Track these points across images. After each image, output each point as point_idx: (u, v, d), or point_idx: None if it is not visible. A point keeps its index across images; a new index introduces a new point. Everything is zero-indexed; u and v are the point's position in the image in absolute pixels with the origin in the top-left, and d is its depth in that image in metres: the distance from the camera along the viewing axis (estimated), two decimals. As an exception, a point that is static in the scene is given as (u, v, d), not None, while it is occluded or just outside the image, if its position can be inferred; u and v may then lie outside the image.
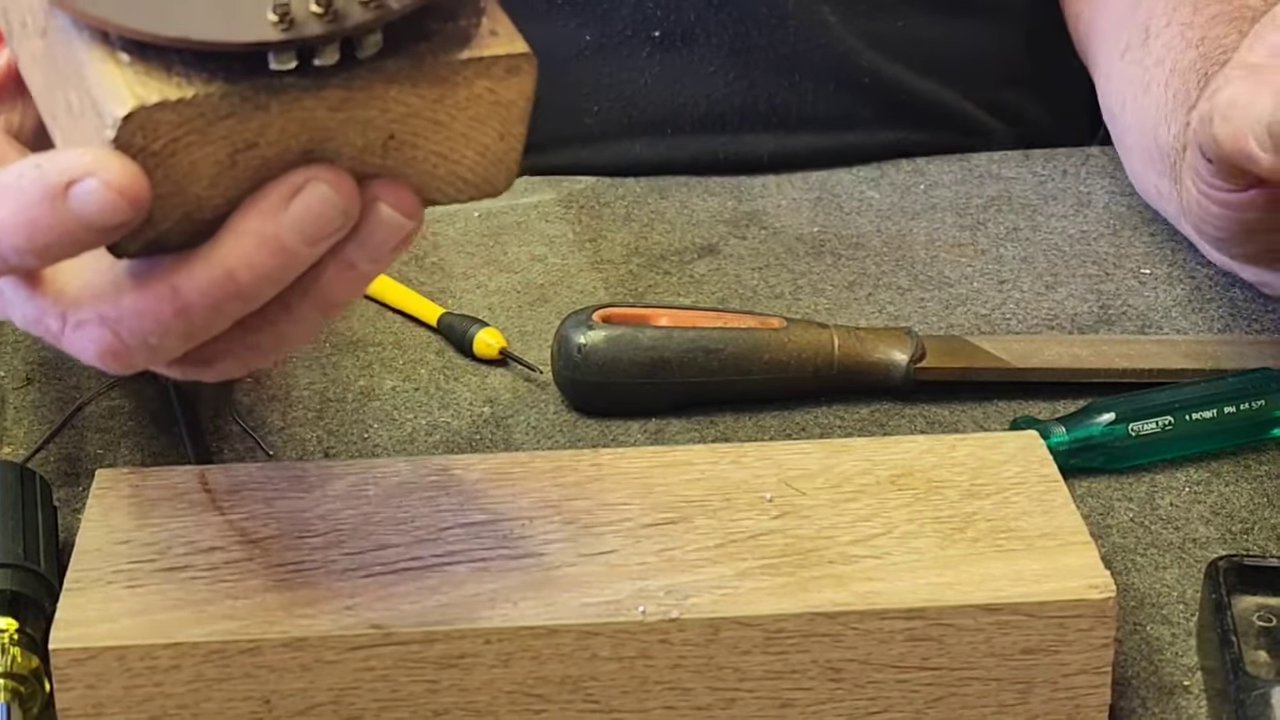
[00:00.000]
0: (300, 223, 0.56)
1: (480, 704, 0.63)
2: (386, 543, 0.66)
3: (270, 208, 0.56)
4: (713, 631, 0.63)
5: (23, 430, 0.82)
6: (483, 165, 0.60)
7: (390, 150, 0.58)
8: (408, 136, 0.58)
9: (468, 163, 0.59)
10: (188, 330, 0.57)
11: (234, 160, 0.56)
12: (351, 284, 0.58)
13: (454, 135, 0.58)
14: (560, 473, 0.70)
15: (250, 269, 0.56)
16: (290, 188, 0.56)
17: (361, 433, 0.82)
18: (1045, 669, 0.64)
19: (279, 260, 0.56)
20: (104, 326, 0.57)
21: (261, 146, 0.56)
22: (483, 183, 0.60)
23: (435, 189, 0.59)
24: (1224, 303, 0.92)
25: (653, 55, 1.05)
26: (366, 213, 0.57)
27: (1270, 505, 0.78)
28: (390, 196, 0.57)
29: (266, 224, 0.56)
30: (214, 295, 0.56)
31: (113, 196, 0.54)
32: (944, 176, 1.03)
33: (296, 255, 0.56)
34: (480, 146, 0.59)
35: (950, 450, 0.71)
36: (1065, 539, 0.66)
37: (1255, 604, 0.69)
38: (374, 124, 0.57)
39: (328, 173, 0.56)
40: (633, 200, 1.01)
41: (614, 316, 0.83)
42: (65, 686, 0.62)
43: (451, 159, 0.59)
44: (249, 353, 0.60)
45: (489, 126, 0.59)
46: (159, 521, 0.67)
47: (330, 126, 0.56)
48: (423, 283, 0.93)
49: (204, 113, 0.55)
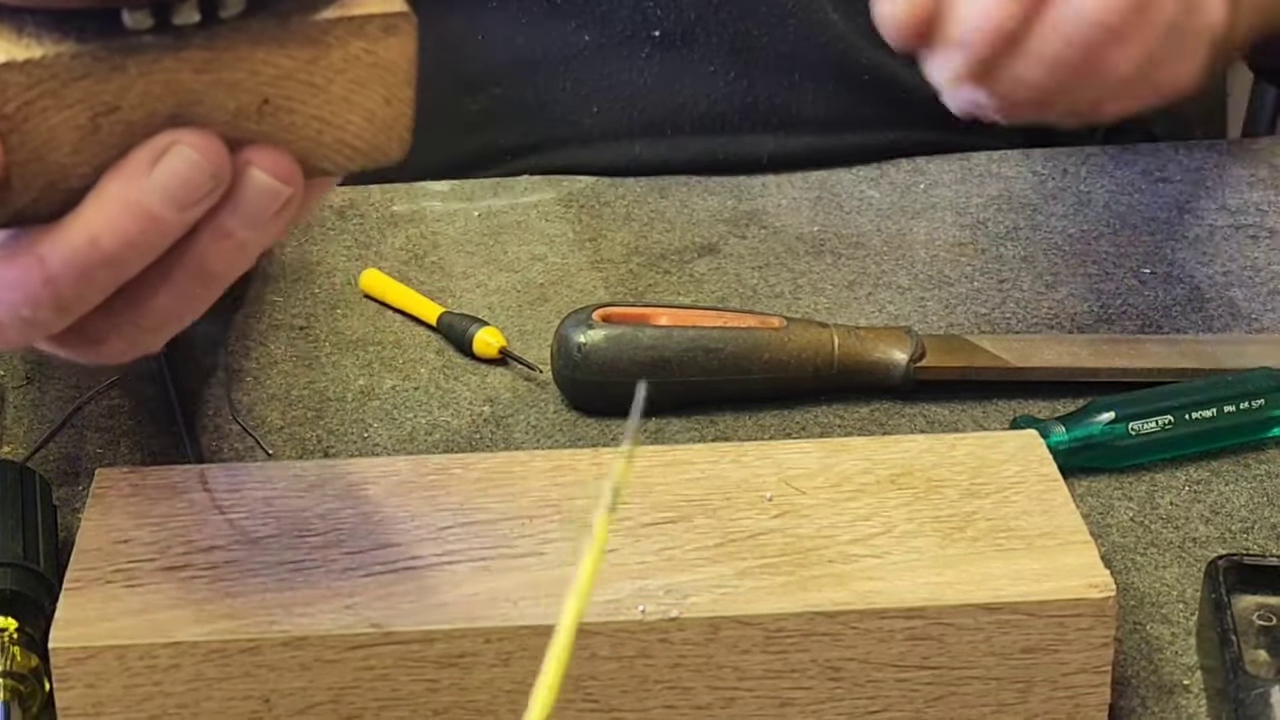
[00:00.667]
0: (165, 187, 0.55)
1: (480, 703, 0.63)
2: (386, 542, 0.66)
3: (134, 172, 0.55)
4: (712, 631, 0.63)
5: (23, 429, 0.82)
6: (371, 131, 0.58)
7: (266, 115, 0.56)
8: (283, 101, 0.56)
9: (354, 129, 0.58)
10: (57, 301, 0.56)
11: (95, 125, 0.54)
12: (230, 253, 0.57)
13: (334, 99, 0.57)
14: (560, 472, 0.70)
15: (115, 235, 0.55)
16: (154, 151, 0.55)
17: (361, 432, 0.82)
18: (1045, 668, 0.64)
19: (144, 226, 0.55)
20: None
21: (124, 110, 0.54)
22: (373, 150, 0.58)
23: (322, 156, 0.58)
24: (1224, 302, 0.92)
25: (652, 55, 1.05)
26: (239, 178, 0.56)
27: (1270, 504, 0.78)
28: (263, 161, 0.56)
29: (130, 189, 0.55)
30: (80, 264, 0.55)
31: None
32: (944, 176, 1.03)
33: (162, 221, 0.55)
34: (365, 112, 0.57)
35: (950, 449, 0.71)
36: (1065, 538, 0.66)
37: (1255, 603, 0.69)
38: (244, 87, 0.55)
39: (194, 135, 0.55)
40: (633, 200, 1.01)
41: (614, 316, 0.83)
42: (65, 685, 0.62)
43: (335, 124, 0.57)
44: (135, 329, 0.59)
45: (372, 90, 0.57)
46: (158, 520, 0.67)
47: (197, 89, 0.55)
48: (422, 282, 0.93)
49: (56, 74, 0.53)
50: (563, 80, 1.06)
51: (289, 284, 0.93)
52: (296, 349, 0.88)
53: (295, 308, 0.91)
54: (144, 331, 0.59)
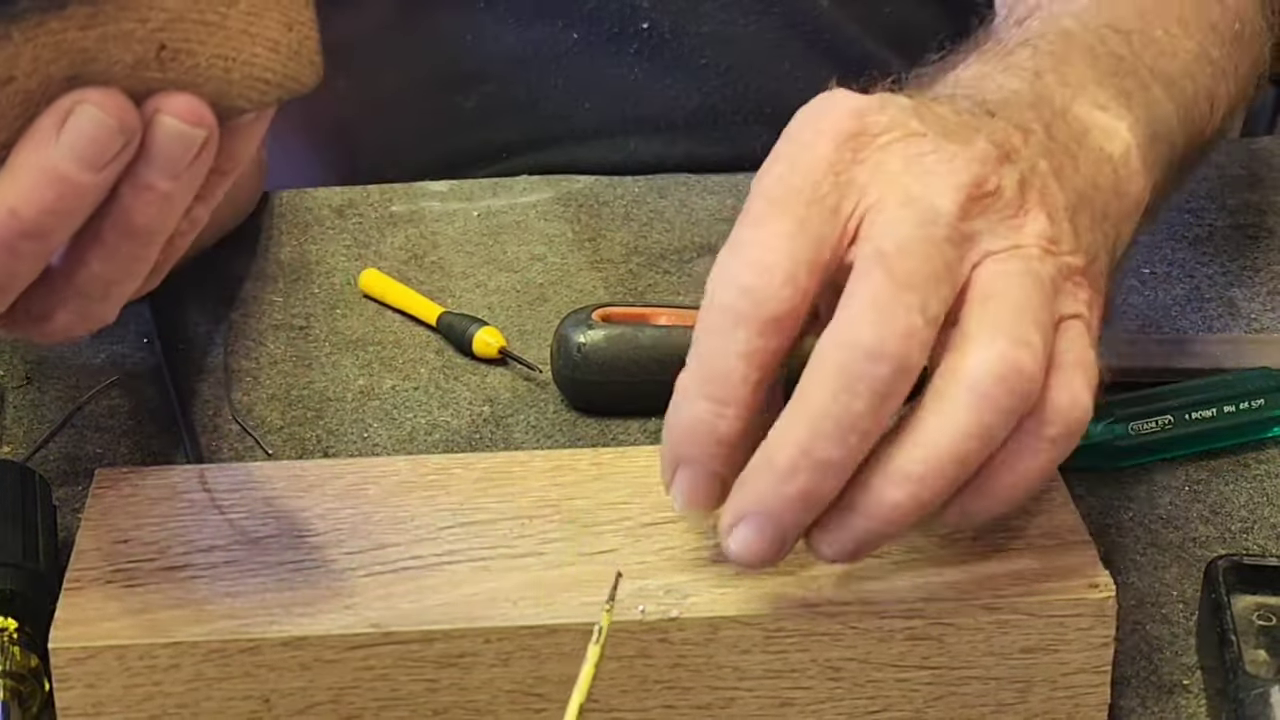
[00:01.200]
0: (74, 149, 0.54)
1: (480, 703, 0.63)
2: (386, 542, 0.66)
3: (42, 138, 0.54)
4: (712, 630, 0.63)
5: (22, 429, 0.82)
6: (279, 61, 0.57)
7: (167, 62, 0.55)
8: (181, 44, 0.55)
9: (261, 61, 0.57)
10: None
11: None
12: (154, 206, 0.57)
13: (233, 34, 0.56)
14: (560, 472, 0.70)
15: (32, 205, 0.55)
16: (59, 114, 0.54)
17: (361, 432, 0.82)
18: (1045, 668, 0.64)
19: (60, 191, 0.55)
20: None
21: (19, 80, 0.54)
22: (286, 80, 0.58)
23: (236, 95, 0.57)
24: (1224, 302, 0.92)
25: (641, 51, 1.05)
26: (149, 127, 0.55)
27: (1270, 504, 0.78)
28: (171, 106, 0.55)
29: (41, 155, 0.54)
30: (3, 237, 0.55)
31: None
32: (943, 176, 1.03)
33: (78, 184, 0.55)
34: (268, 42, 0.57)
35: (950, 449, 0.71)
36: (1064, 538, 0.66)
37: (1254, 603, 0.69)
38: (136, 36, 0.55)
39: (96, 93, 0.54)
40: (632, 199, 1.01)
41: (613, 315, 0.83)
42: (65, 685, 0.62)
43: (241, 60, 0.57)
44: (81, 300, 0.59)
45: (269, 19, 0.56)
46: (158, 520, 0.67)
47: (88, 47, 0.54)
48: (422, 282, 0.93)
49: None
50: (553, 78, 1.06)
51: (288, 284, 0.93)
52: (296, 349, 0.88)
53: (294, 308, 0.91)
54: (90, 301, 0.59)
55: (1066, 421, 0.59)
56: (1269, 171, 1.04)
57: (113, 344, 0.88)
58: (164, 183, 0.56)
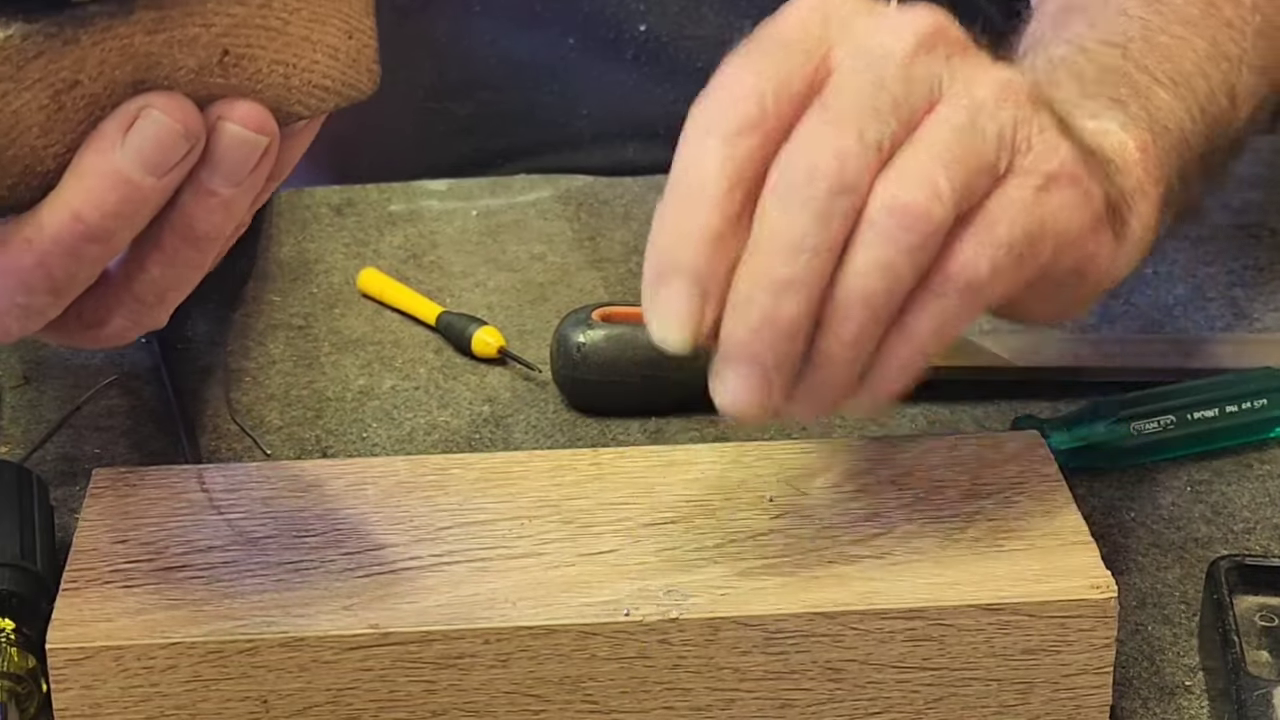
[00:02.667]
0: (139, 153, 0.55)
1: (478, 704, 0.63)
2: (385, 542, 0.66)
3: (107, 142, 0.55)
4: (712, 631, 0.63)
5: (20, 429, 0.82)
6: (338, 69, 0.58)
7: (229, 67, 0.56)
8: (243, 50, 0.56)
9: (321, 68, 0.57)
10: (50, 285, 0.56)
11: (59, 103, 0.54)
12: (216, 213, 0.57)
13: (294, 41, 0.56)
14: (560, 472, 0.70)
15: (97, 209, 0.55)
16: (125, 118, 0.55)
17: (360, 432, 0.82)
18: (1046, 669, 0.64)
19: (124, 195, 0.55)
20: None
21: (85, 84, 0.54)
22: (344, 87, 0.58)
23: (295, 101, 0.57)
24: (1226, 302, 0.91)
25: (639, 55, 1.04)
26: (213, 134, 0.56)
27: (1272, 505, 0.78)
28: (235, 113, 0.56)
29: (106, 160, 0.55)
30: (67, 241, 0.55)
31: None
32: (944, 175, 1.03)
33: (142, 188, 0.55)
34: (328, 49, 0.57)
35: (951, 450, 0.71)
36: (1066, 539, 0.66)
37: (1257, 604, 0.69)
38: (201, 42, 0.55)
39: (161, 98, 0.55)
40: (632, 198, 1.01)
41: (613, 315, 0.83)
42: (62, 686, 0.62)
43: (301, 67, 0.57)
44: (136, 305, 0.59)
45: (331, 26, 0.57)
46: (156, 521, 0.67)
47: (154, 52, 0.55)
48: (421, 281, 0.93)
49: (9, 56, 0.53)
50: (550, 84, 1.06)
51: (287, 283, 0.93)
52: (295, 349, 0.88)
53: (293, 307, 0.91)
54: (145, 306, 0.59)
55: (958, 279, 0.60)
56: (1272, 171, 1.04)
57: (111, 344, 0.87)
58: (226, 189, 0.57)
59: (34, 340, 0.87)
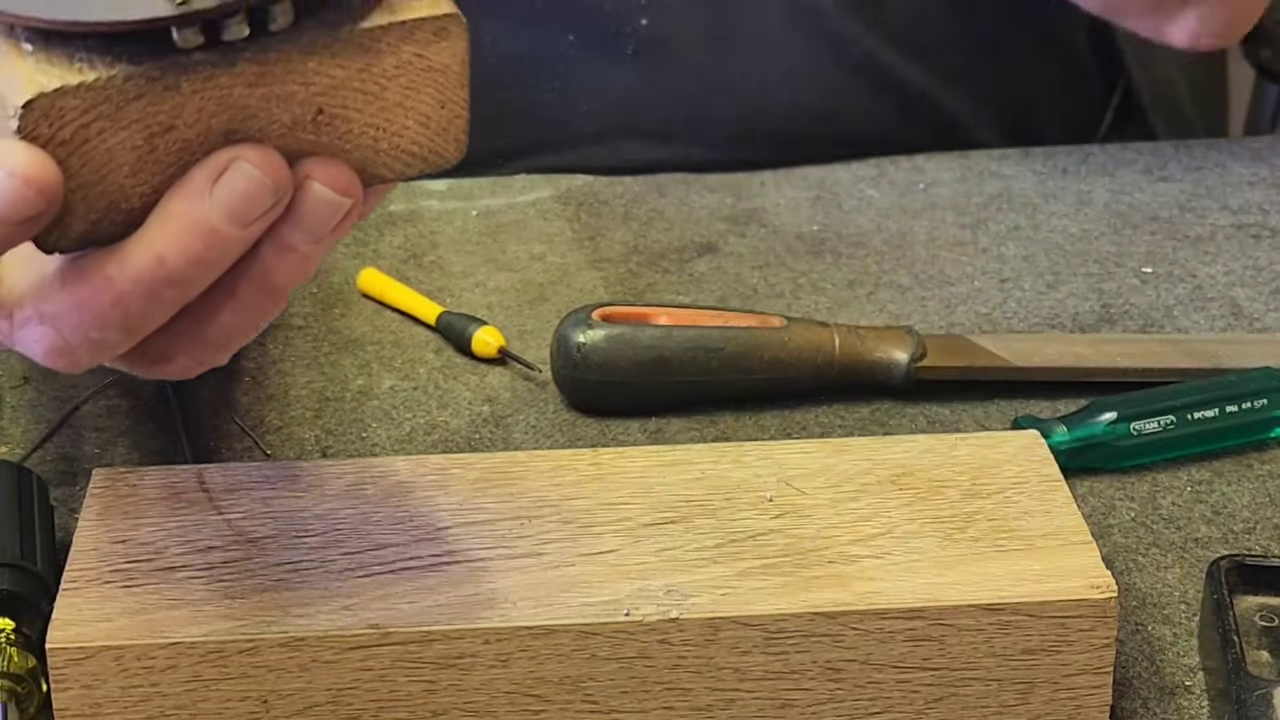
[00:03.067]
0: (227, 204, 0.55)
1: (478, 704, 0.63)
2: (384, 542, 0.66)
3: (196, 190, 0.55)
4: (712, 631, 0.63)
5: (20, 429, 0.82)
6: (427, 136, 0.58)
7: (322, 125, 0.56)
8: (338, 110, 0.56)
9: (410, 134, 0.58)
10: (125, 322, 0.56)
11: (153, 145, 0.55)
12: (294, 266, 0.57)
13: (388, 106, 0.57)
14: (559, 472, 0.70)
15: (180, 254, 0.55)
16: (215, 168, 0.55)
17: (360, 432, 0.82)
18: (1046, 669, 0.64)
19: (208, 244, 0.55)
20: (45, 324, 0.57)
21: (180, 129, 0.55)
22: (431, 155, 0.59)
23: (380, 164, 0.58)
24: (1225, 302, 0.91)
25: (639, 52, 1.04)
26: (299, 191, 0.56)
27: (1272, 505, 0.78)
28: (322, 173, 0.56)
29: (193, 207, 0.55)
30: (147, 283, 0.55)
31: (19, 186, 0.53)
32: (944, 174, 1.03)
33: (226, 238, 0.55)
34: (420, 116, 0.58)
35: (951, 449, 0.71)
36: (1066, 539, 0.66)
37: (1257, 604, 0.69)
38: (297, 99, 0.56)
39: (253, 151, 0.55)
40: (631, 198, 1.01)
41: (613, 315, 0.83)
42: (62, 686, 0.62)
43: (391, 131, 0.58)
44: (202, 346, 0.59)
45: (425, 94, 0.57)
46: (156, 521, 0.67)
47: (251, 104, 0.55)
48: (421, 281, 0.93)
49: (110, 96, 0.54)
50: (549, 81, 1.05)
51: (287, 283, 0.93)
52: (295, 349, 0.88)
53: (293, 307, 0.91)
54: (211, 348, 0.60)
55: None
56: (1271, 170, 1.04)
57: (111, 344, 0.87)
58: (305, 245, 0.57)
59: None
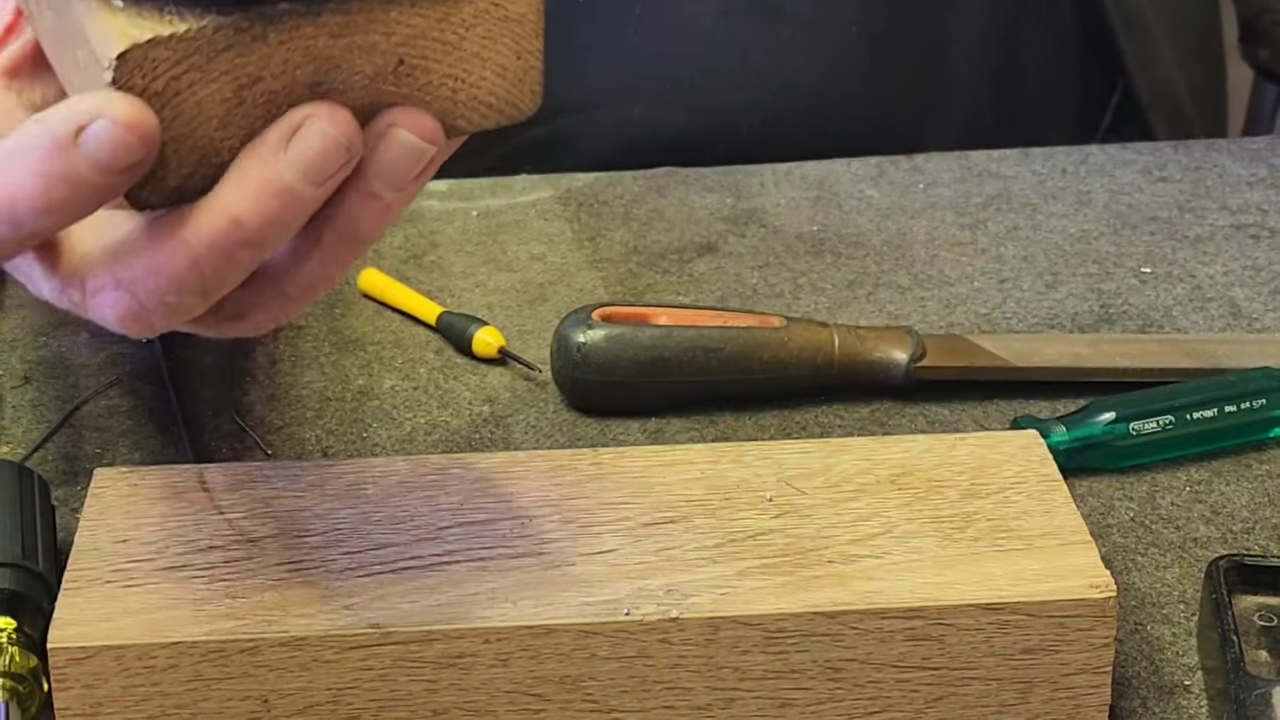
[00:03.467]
0: (301, 163, 0.55)
1: (479, 703, 0.63)
2: (385, 542, 0.66)
3: (270, 150, 0.55)
4: (712, 631, 0.63)
5: (21, 429, 0.82)
6: (504, 86, 0.59)
7: (403, 76, 0.57)
8: (418, 60, 0.57)
9: (488, 85, 0.59)
10: (202, 285, 0.56)
11: (241, 97, 0.55)
12: (377, 215, 0.58)
13: (466, 56, 0.58)
14: (559, 472, 0.70)
15: (257, 215, 0.55)
16: (289, 127, 0.56)
17: (360, 432, 0.82)
18: (1045, 669, 0.64)
19: (284, 203, 0.56)
20: (120, 289, 0.57)
21: (266, 80, 0.56)
22: (507, 105, 0.60)
23: (459, 115, 0.59)
24: (1224, 302, 0.92)
25: (644, 15, 1.05)
26: (384, 140, 0.57)
27: (1271, 505, 0.78)
28: (407, 121, 0.57)
29: (268, 167, 0.55)
30: (223, 244, 0.56)
31: (121, 133, 0.53)
32: (943, 175, 1.03)
33: (300, 197, 0.56)
34: (497, 66, 0.59)
35: (950, 449, 0.71)
36: (1065, 538, 0.66)
37: (1256, 603, 0.69)
38: (379, 49, 0.56)
39: (326, 109, 0.56)
40: (631, 198, 1.01)
41: (613, 315, 0.83)
42: (63, 686, 0.62)
43: (469, 82, 0.58)
44: (280, 300, 0.59)
45: (502, 44, 0.58)
46: (157, 520, 0.67)
47: (334, 55, 0.56)
48: (421, 281, 0.93)
49: (200, 47, 0.54)
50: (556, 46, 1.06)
51: (288, 283, 0.93)
52: (295, 349, 0.88)
53: (294, 307, 0.91)
54: (289, 301, 0.60)
55: None
56: (1269, 171, 1.04)
57: (112, 344, 0.88)
58: (389, 193, 0.57)
59: (34, 340, 0.87)
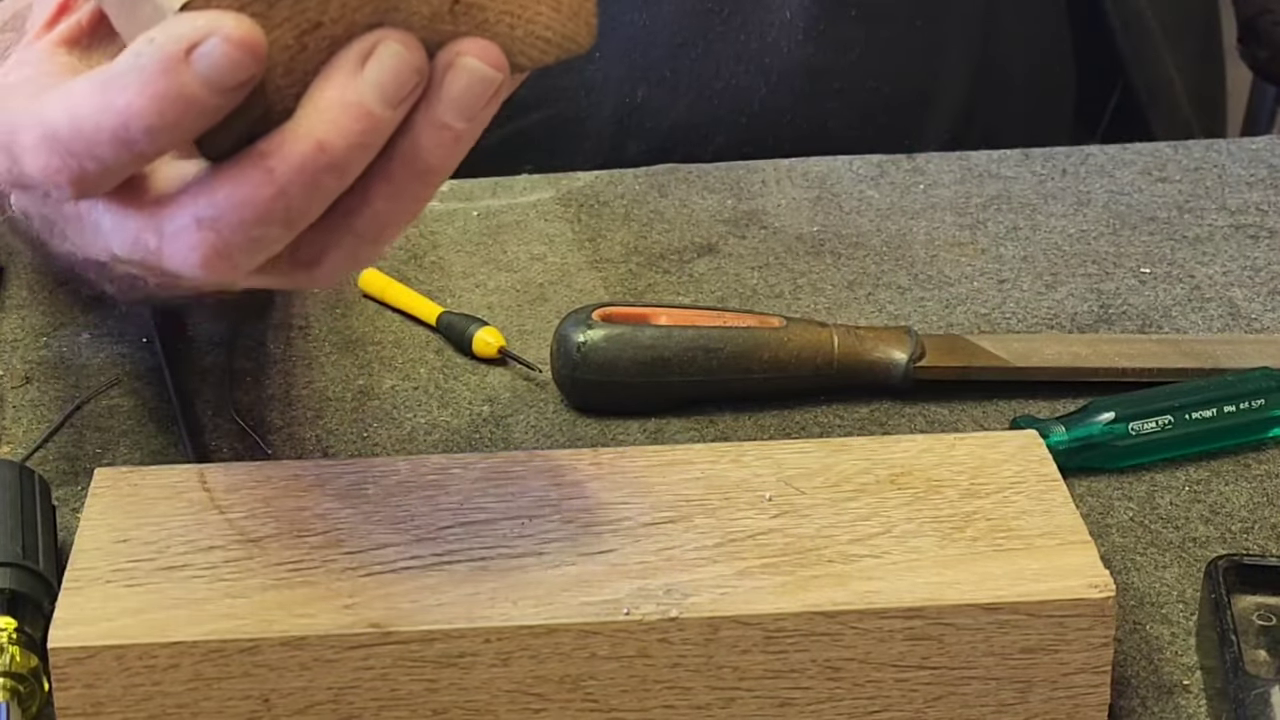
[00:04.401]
0: (378, 84, 0.56)
1: (479, 703, 0.63)
2: (385, 542, 0.66)
3: (347, 73, 0.56)
4: (712, 631, 0.63)
5: (21, 429, 0.82)
6: (559, 21, 0.59)
7: (460, 15, 0.58)
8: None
9: (543, 20, 0.59)
10: (288, 215, 0.56)
11: (303, 44, 0.56)
12: (446, 146, 0.58)
13: None
14: (559, 472, 0.70)
15: (341, 138, 0.56)
16: (362, 50, 0.56)
17: (360, 432, 0.82)
18: (1045, 668, 0.64)
19: (365, 125, 0.56)
20: (202, 229, 0.56)
21: (327, 25, 0.56)
22: (564, 40, 0.60)
23: (518, 52, 0.59)
24: (1223, 302, 0.92)
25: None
26: (452, 69, 0.57)
27: (1270, 505, 0.78)
28: (474, 49, 0.57)
29: (346, 90, 0.56)
30: (309, 170, 0.56)
31: (234, 50, 0.53)
32: (943, 175, 1.03)
33: (379, 119, 0.56)
34: (552, 1, 0.59)
35: (950, 449, 0.71)
36: (1065, 538, 0.66)
37: (1254, 603, 0.69)
38: None
39: (395, 32, 0.56)
40: (632, 199, 1.01)
41: (613, 315, 0.83)
42: (64, 685, 0.62)
43: (525, 18, 0.59)
44: (355, 242, 0.59)
45: None
46: (158, 520, 0.67)
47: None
48: (422, 281, 0.93)
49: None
50: None
51: (288, 283, 0.93)
52: (296, 349, 0.88)
53: (294, 308, 0.91)
54: (363, 242, 0.59)
55: None
56: (1269, 171, 1.04)
57: (113, 344, 0.88)
58: (459, 123, 0.57)
59: (35, 340, 0.88)
